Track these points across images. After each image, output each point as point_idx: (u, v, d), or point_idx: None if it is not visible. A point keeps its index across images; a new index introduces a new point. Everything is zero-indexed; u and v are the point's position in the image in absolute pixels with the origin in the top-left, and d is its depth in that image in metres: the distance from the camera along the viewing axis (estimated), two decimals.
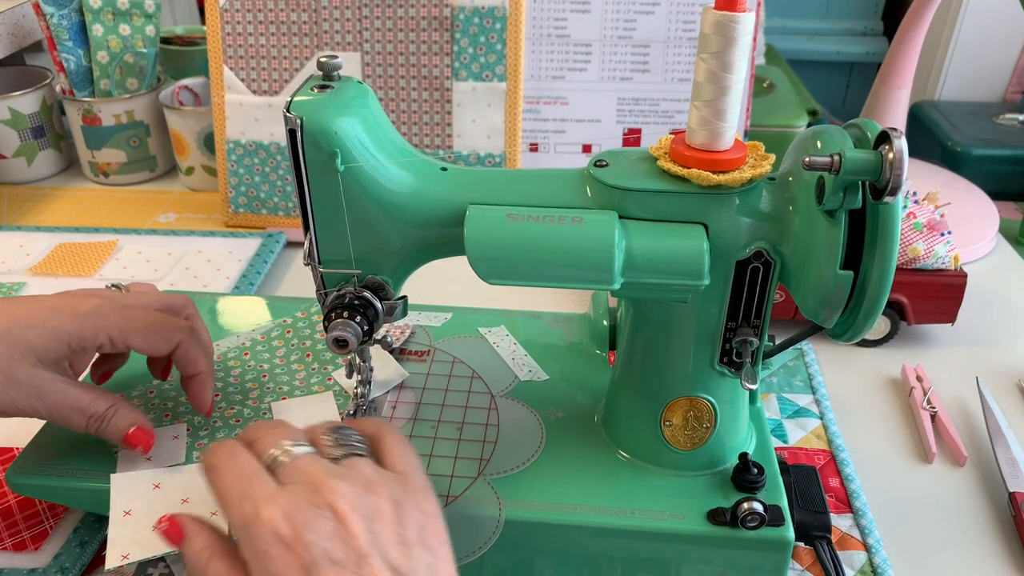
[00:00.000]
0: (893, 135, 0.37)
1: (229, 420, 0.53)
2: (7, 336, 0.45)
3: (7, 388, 0.45)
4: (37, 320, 0.46)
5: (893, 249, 0.39)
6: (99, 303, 0.48)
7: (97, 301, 0.49)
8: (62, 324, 0.47)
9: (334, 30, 0.82)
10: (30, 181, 1.00)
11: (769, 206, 0.43)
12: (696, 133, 0.42)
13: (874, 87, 0.94)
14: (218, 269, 0.80)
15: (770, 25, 1.65)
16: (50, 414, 0.47)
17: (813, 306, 0.42)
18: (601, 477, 0.50)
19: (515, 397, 0.56)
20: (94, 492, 0.48)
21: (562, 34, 0.84)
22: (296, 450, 0.39)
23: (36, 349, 0.46)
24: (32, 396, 0.46)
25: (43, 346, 0.46)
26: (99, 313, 0.48)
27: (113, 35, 0.93)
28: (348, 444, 0.41)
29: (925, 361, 0.69)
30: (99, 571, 0.50)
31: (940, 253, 0.68)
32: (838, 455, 0.59)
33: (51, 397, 0.46)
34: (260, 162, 0.86)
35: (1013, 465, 0.58)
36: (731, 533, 0.46)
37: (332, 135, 0.42)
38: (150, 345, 0.49)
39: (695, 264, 0.42)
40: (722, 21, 0.39)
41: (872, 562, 0.51)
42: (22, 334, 0.46)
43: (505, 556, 0.48)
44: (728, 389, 0.48)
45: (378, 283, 0.47)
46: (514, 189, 0.44)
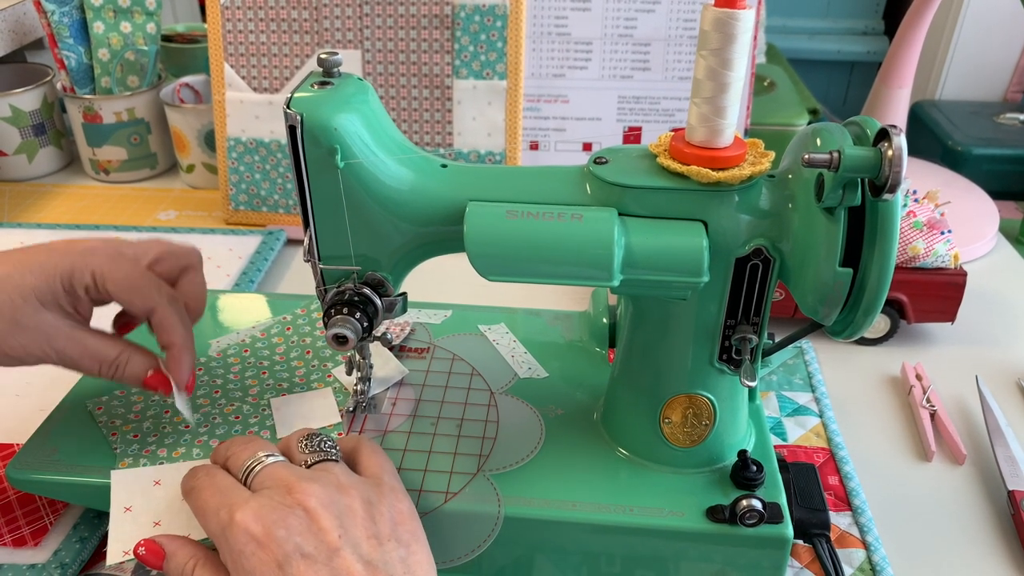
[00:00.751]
0: (892, 132, 0.37)
1: (228, 416, 0.53)
2: (8, 283, 0.45)
3: (15, 335, 0.45)
4: (35, 262, 0.46)
5: (892, 246, 0.39)
6: (95, 244, 0.48)
7: (94, 242, 0.48)
8: (56, 261, 0.46)
9: (335, 28, 0.82)
10: (31, 178, 1.00)
11: (768, 203, 0.43)
12: (696, 130, 0.42)
13: (874, 86, 0.94)
14: (218, 266, 0.80)
15: (771, 24, 1.65)
16: (61, 359, 0.47)
17: (812, 303, 0.42)
18: (600, 474, 0.50)
19: (515, 394, 0.56)
20: (94, 488, 0.48)
21: (563, 32, 0.84)
22: (269, 459, 0.41)
23: (36, 291, 0.45)
24: (41, 341, 0.45)
25: (40, 287, 0.45)
26: (91, 252, 0.47)
27: (114, 32, 0.93)
28: (321, 449, 0.42)
29: (925, 360, 0.69)
30: (99, 566, 0.50)
31: (940, 252, 0.68)
32: (837, 453, 0.59)
33: (59, 342, 0.46)
34: (261, 159, 0.86)
35: (1012, 463, 0.58)
36: (730, 530, 0.46)
37: (332, 131, 0.42)
38: (126, 298, 0.48)
39: (694, 261, 0.42)
40: (722, 18, 0.39)
41: (871, 560, 0.51)
42: (22, 279, 0.45)
43: (504, 553, 0.48)
44: (727, 387, 0.48)
45: (378, 280, 0.47)
46: (514, 186, 0.44)
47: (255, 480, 0.40)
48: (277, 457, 0.41)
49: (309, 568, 0.36)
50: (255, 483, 0.40)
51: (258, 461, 0.41)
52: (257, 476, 0.40)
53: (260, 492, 0.39)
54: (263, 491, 0.39)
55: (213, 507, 0.39)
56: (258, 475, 0.40)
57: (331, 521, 0.37)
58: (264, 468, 0.40)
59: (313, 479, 0.39)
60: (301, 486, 0.38)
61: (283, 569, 0.36)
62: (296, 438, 0.43)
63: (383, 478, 0.42)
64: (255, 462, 0.41)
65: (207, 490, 0.40)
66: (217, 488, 0.40)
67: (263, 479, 0.40)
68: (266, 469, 0.40)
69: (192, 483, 0.42)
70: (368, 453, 0.44)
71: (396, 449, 0.51)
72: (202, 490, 0.40)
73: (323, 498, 0.38)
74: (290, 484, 0.38)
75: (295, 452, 0.43)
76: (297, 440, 0.43)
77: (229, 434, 0.52)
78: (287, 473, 0.39)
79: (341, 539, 0.37)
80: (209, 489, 0.40)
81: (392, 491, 0.41)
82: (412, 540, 0.40)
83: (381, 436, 0.52)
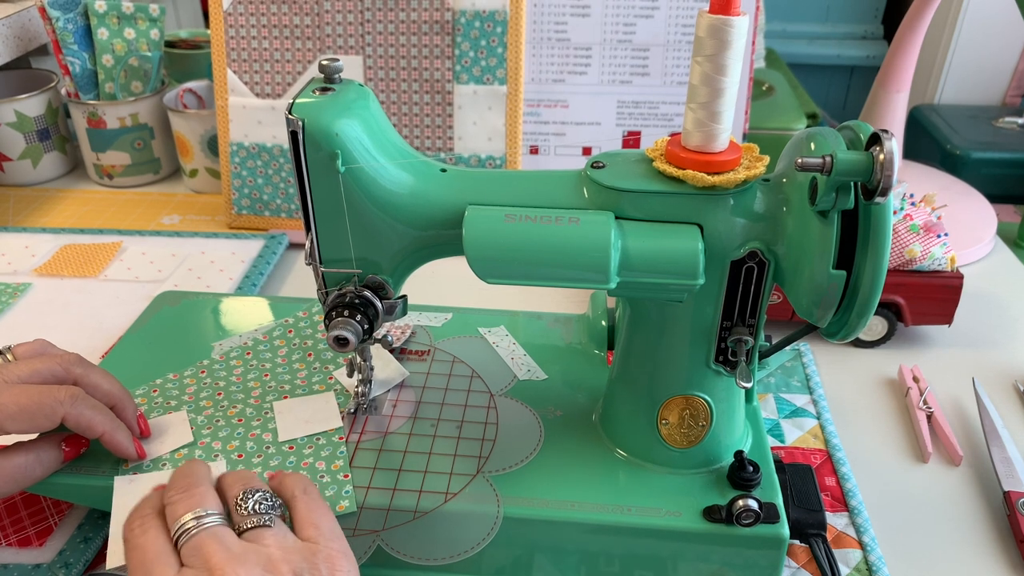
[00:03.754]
0: (884, 137, 0.37)
1: (232, 419, 0.54)
2: None
3: None
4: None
5: (885, 249, 0.40)
6: None
7: None
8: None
9: (336, 34, 0.83)
10: (35, 183, 1.01)
11: (763, 207, 0.43)
12: (691, 135, 0.42)
13: (873, 90, 0.94)
14: (221, 270, 0.81)
15: (771, 29, 1.65)
16: None
17: (807, 305, 0.43)
18: (599, 475, 0.50)
19: (514, 396, 0.56)
20: (98, 489, 0.49)
21: (562, 38, 0.84)
22: (205, 521, 0.39)
23: None
24: None
25: None
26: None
27: (118, 39, 0.94)
28: (255, 512, 0.40)
29: (922, 362, 0.70)
30: (102, 567, 0.51)
31: (937, 255, 0.68)
32: (834, 454, 0.60)
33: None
34: (263, 164, 0.87)
35: (1008, 465, 0.58)
36: (727, 530, 0.47)
37: (333, 136, 0.42)
38: (32, 426, 0.46)
39: (690, 264, 0.42)
40: (716, 24, 0.39)
41: (867, 560, 0.52)
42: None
43: (504, 553, 0.49)
44: (724, 388, 0.49)
45: (378, 282, 0.47)
46: (512, 190, 0.45)
47: (184, 547, 0.39)
48: (212, 520, 0.40)
49: None
50: (183, 551, 0.39)
51: (192, 523, 0.39)
52: (187, 543, 0.39)
53: (183, 572, 0.37)
54: (187, 572, 0.37)
55: None
56: (188, 542, 0.39)
57: None
58: (195, 536, 0.39)
59: (239, 560, 0.37)
60: (226, 570, 0.37)
61: None
62: (235, 491, 0.42)
63: (319, 542, 0.40)
64: (189, 523, 0.39)
65: (135, 554, 0.39)
66: (145, 555, 0.38)
67: (191, 550, 0.38)
68: (196, 538, 0.39)
69: (127, 535, 0.40)
70: (303, 510, 0.42)
71: (396, 450, 0.52)
72: (132, 551, 0.39)
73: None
74: (213, 567, 0.37)
75: (232, 508, 0.41)
76: (235, 496, 0.41)
77: (232, 437, 0.52)
78: (215, 549, 0.38)
79: None
80: (138, 553, 0.39)
81: (328, 558, 0.39)
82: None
83: (382, 438, 0.53)
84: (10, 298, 0.76)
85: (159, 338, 0.62)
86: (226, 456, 0.51)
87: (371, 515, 0.48)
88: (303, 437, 0.52)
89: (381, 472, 0.50)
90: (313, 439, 0.52)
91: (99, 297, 0.77)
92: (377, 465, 0.51)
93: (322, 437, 0.52)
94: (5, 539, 0.51)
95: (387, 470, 0.50)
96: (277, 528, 0.40)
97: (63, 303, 0.76)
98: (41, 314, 0.74)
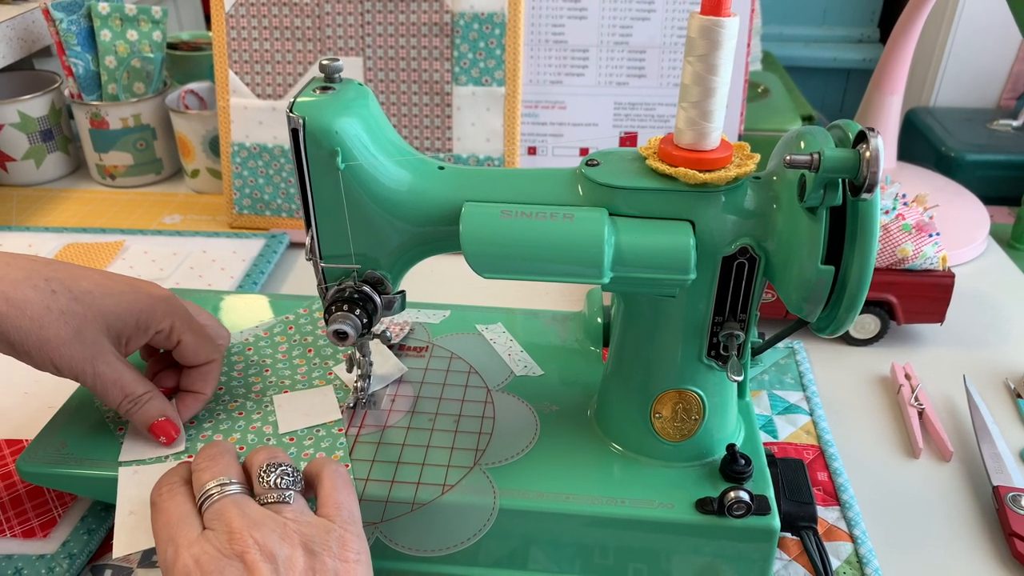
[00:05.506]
0: (870, 134, 0.38)
1: (232, 412, 0.55)
2: (87, 298, 0.48)
3: (72, 345, 0.47)
4: (116, 290, 0.49)
5: (872, 244, 0.41)
6: (171, 294, 0.52)
7: (169, 292, 0.52)
8: (138, 300, 0.50)
9: (337, 35, 0.84)
10: (39, 183, 1.02)
11: (754, 204, 0.44)
12: (683, 133, 0.43)
13: (867, 92, 0.96)
14: (222, 269, 0.82)
15: (768, 32, 1.67)
16: (94, 383, 0.49)
17: (796, 300, 0.43)
18: (593, 468, 0.51)
19: (511, 391, 0.57)
20: (101, 480, 0.50)
21: (560, 40, 0.85)
22: (227, 488, 0.42)
23: (108, 316, 0.48)
24: (88, 360, 0.48)
25: (115, 314, 0.49)
26: (171, 300, 0.52)
27: (121, 40, 0.95)
28: (276, 487, 0.42)
29: (914, 360, 0.71)
30: (106, 558, 0.52)
31: (928, 254, 0.69)
32: (827, 450, 0.61)
33: (102, 367, 0.48)
34: (264, 164, 0.88)
35: (997, 460, 0.59)
36: (718, 522, 0.48)
37: (333, 134, 0.43)
38: (195, 349, 0.52)
39: (682, 259, 0.43)
40: (707, 25, 0.40)
41: (858, 552, 0.53)
42: (101, 300, 0.48)
43: (500, 544, 0.50)
44: (716, 382, 0.50)
45: (377, 278, 0.48)
46: (508, 187, 0.46)
47: (207, 511, 0.41)
48: (234, 488, 0.42)
49: None
50: (207, 515, 0.41)
51: (215, 489, 0.42)
52: (210, 508, 0.41)
53: (205, 534, 0.40)
54: (208, 533, 0.40)
55: (163, 538, 0.40)
56: (211, 507, 0.41)
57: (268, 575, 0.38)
58: (217, 502, 0.41)
59: (258, 525, 0.39)
60: (244, 534, 0.39)
61: None
62: (259, 463, 0.43)
63: (335, 520, 0.42)
64: (213, 489, 0.42)
65: (164, 515, 0.41)
66: (171, 517, 0.41)
67: (213, 514, 0.40)
68: (219, 503, 0.41)
69: (155, 498, 0.43)
70: (328, 487, 0.44)
71: (395, 444, 0.53)
72: (159, 513, 0.42)
73: (264, 549, 0.38)
74: (233, 530, 0.39)
75: (255, 480, 0.43)
76: (258, 468, 0.43)
77: (233, 430, 0.53)
78: (235, 514, 0.40)
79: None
80: (165, 515, 0.41)
81: (341, 538, 0.41)
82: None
83: (380, 431, 0.54)
84: None
85: None
86: None
87: (369, 507, 0.49)
88: (303, 429, 0.53)
89: (379, 464, 0.51)
90: (313, 431, 0.53)
91: None
92: (375, 458, 0.52)
93: (322, 429, 0.53)
94: (10, 530, 0.52)
95: (385, 463, 0.51)
96: (296, 503, 0.42)
97: None
98: None
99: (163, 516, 0.41)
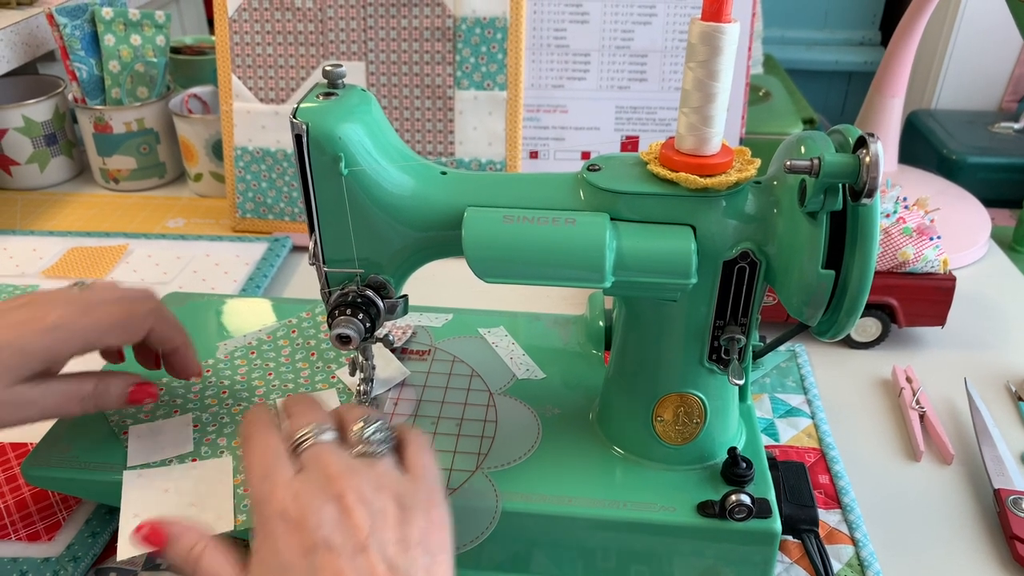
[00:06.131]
0: (870, 140, 0.38)
1: (236, 416, 0.55)
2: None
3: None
4: (3, 341, 0.45)
5: (872, 249, 0.41)
6: (63, 313, 0.47)
7: (61, 311, 0.47)
8: (30, 342, 0.46)
9: (339, 40, 0.84)
10: (43, 187, 1.03)
11: (755, 208, 0.44)
12: (684, 138, 0.44)
13: (868, 96, 0.96)
14: (225, 272, 0.82)
15: (769, 35, 1.67)
16: (44, 415, 0.47)
17: (797, 304, 0.44)
18: (595, 471, 0.51)
19: (513, 395, 0.58)
20: (106, 484, 0.50)
21: (561, 44, 0.86)
22: (322, 436, 0.42)
23: (11, 370, 0.45)
24: (21, 408, 0.46)
25: (16, 365, 0.45)
26: (65, 324, 0.47)
27: (124, 45, 0.95)
28: (371, 442, 0.42)
29: (915, 363, 0.71)
30: (110, 561, 0.52)
31: (929, 257, 0.69)
32: (828, 453, 0.61)
33: (40, 402, 0.47)
34: (267, 168, 0.88)
35: (999, 463, 0.59)
36: (720, 525, 0.48)
37: (336, 140, 0.43)
38: (126, 336, 0.50)
39: (683, 264, 0.43)
40: (708, 31, 0.41)
41: (859, 556, 0.53)
42: None
43: (502, 547, 0.50)
44: (717, 385, 0.50)
45: (380, 282, 0.48)
46: (511, 192, 0.46)
47: (304, 454, 0.41)
48: (328, 435, 0.42)
49: (333, 560, 0.36)
50: (303, 457, 0.41)
51: (310, 434, 0.42)
52: (307, 451, 0.41)
53: (302, 474, 0.40)
54: (306, 473, 0.40)
55: (258, 473, 0.40)
56: (308, 450, 0.41)
57: (363, 519, 0.38)
58: (313, 446, 0.41)
59: (354, 472, 0.40)
60: (341, 478, 0.39)
61: (308, 556, 0.36)
62: (353, 417, 0.43)
63: (423, 483, 0.42)
64: (308, 434, 0.42)
65: (258, 450, 0.41)
66: (267, 452, 0.41)
67: (310, 457, 0.40)
68: (315, 448, 0.41)
69: (248, 431, 0.43)
70: (415, 451, 0.44)
71: None
72: (254, 447, 0.42)
73: (360, 494, 0.39)
74: (331, 473, 0.39)
75: (349, 432, 0.43)
76: (353, 421, 0.43)
77: (236, 433, 0.53)
78: (332, 459, 0.40)
79: (369, 538, 0.37)
80: (260, 451, 0.41)
81: (428, 499, 0.41)
82: (439, 550, 0.39)
83: None
84: None
85: None
86: (231, 452, 0.52)
87: None
88: None
89: None
90: None
91: None
92: None
93: None
94: (15, 533, 0.52)
95: None
96: (386, 460, 0.42)
97: None
98: None
99: (258, 450, 0.41)
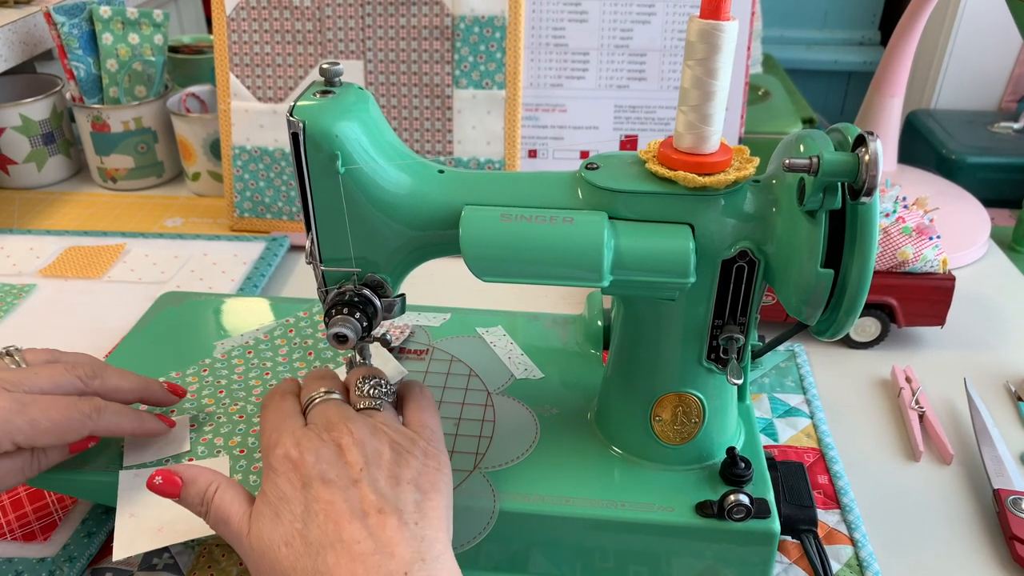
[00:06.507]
0: (869, 138, 0.38)
1: (233, 416, 0.55)
2: None
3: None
4: None
5: (871, 248, 0.41)
6: None
7: None
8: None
9: (337, 39, 0.84)
10: (40, 186, 1.02)
11: (753, 207, 0.44)
12: (683, 137, 0.43)
13: (867, 95, 0.96)
14: (223, 272, 0.82)
15: (769, 35, 1.67)
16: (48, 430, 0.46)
17: (796, 304, 0.43)
18: (593, 471, 0.51)
19: (511, 394, 0.57)
20: (102, 484, 0.50)
21: (560, 43, 0.85)
22: (330, 396, 0.46)
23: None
24: None
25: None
26: None
27: (122, 44, 0.95)
28: (370, 396, 0.47)
29: (914, 363, 0.71)
30: (106, 561, 0.52)
31: (929, 257, 0.69)
32: (827, 453, 0.61)
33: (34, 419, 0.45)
34: (265, 168, 0.88)
35: (998, 463, 0.59)
36: (718, 525, 0.48)
37: (333, 138, 0.43)
38: (61, 440, 0.47)
39: (681, 263, 0.43)
40: (706, 29, 0.40)
41: (858, 556, 0.53)
42: None
43: (500, 547, 0.50)
44: (715, 385, 0.50)
45: (377, 281, 0.48)
46: (508, 191, 0.46)
47: (310, 413, 0.45)
48: (334, 395, 0.46)
49: (328, 490, 0.41)
50: (310, 416, 0.45)
51: (319, 395, 0.46)
52: (313, 410, 0.46)
53: (308, 426, 0.44)
54: (311, 425, 0.44)
55: (269, 428, 0.45)
56: (314, 409, 0.46)
57: (357, 457, 0.42)
58: (318, 404, 0.46)
59: (352, 420, 0.44)
60: (340, 425, 0.43)
61: (306, 488, 0.41)
62: (356, 376, 0.48)
63: (420, 435, 0.45)
64: (317, 396, 0.46)
65: (274, 412, 0.46)
66: (280, 413, 0.46)
67: (315, 414, 0.45)
68: (320, 405, 0.46)
69: (268, 401, 0.47)
70: (415, 407, 0.48)
71: None
72: (269, 411, 0.46)
73: (356, 437, 0.43)
74: (332, 423, 0.44)
75: (352, 390, 0.47)
76: (356, 379, 0.47)
77: (233, 433, 0.53)
78: (334, 413, 0.44)
79: (363, 472, 0.41)
80: (275, 412, 0.46)
81: (425, 448, 0.44)
82: (432, 490, 0.43)
83: None
84: (15, 299, 0.77)
85: (162, 338, 0.63)
86: (228, 451, 0.52)
87: None
88: None
89: None
90: None
91: (103, 298, 0.78)
92: None
93: None
94: (10, 533, 0.52)
95: None
96: (386, 411, 0.46)
97: (67, 304, 0.77)
98: (45, 315, 0.75)
99: (273, 414, 0.46)
